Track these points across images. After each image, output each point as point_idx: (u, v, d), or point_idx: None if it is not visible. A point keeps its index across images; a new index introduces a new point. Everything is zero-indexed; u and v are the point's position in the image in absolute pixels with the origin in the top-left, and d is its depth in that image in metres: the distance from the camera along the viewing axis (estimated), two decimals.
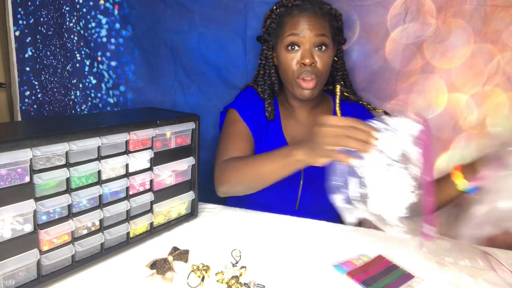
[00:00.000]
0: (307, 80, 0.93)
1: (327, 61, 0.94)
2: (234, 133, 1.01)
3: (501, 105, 1.04)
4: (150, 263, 0.73)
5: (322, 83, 0.97)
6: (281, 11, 0.98)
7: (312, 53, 0.93)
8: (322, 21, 0.94)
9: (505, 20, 0.98)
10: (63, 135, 0.65)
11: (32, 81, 1.42)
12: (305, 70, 0.93)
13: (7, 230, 0.61)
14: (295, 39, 0.93)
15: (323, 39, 0.93)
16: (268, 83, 1.05)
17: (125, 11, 1.24)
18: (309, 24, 0.92)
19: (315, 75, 0.93)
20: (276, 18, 0.99)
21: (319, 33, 0.92)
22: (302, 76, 0.94)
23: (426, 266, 0.78)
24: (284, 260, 0.79)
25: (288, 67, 0.95)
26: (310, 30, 0.92)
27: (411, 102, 1.09)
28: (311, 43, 0.93)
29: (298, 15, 0.94)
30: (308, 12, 0.94)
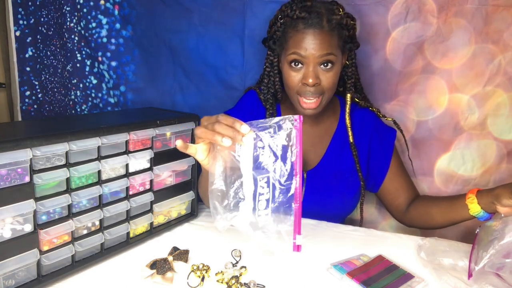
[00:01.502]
0: (308, 102, 0.89)
1: (332, 79, 0.88)
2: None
3: (502, 106, 1.03)
4: (150, 263, 0.73)
5: (328, 98, 0.92)
6: (286, 21, 0.90)
7: (316, 73, 0.86)
8: (329, 37, 0.86)
9: (506, 20, 0.98)
10: (63, 135, 0.65)
11: (32, 81, 1.42)
12: (307, 90, 0.88)
13: (7, 230, 0.61)
14: (298, 58, 0.87)
15: (329, 57, 0.86)
16: (272, 91, 0.99)
17: (125, 11, 1.24)
18: (314, 43, 0.85)
19: (318, 94, 0.88)
20: (281, 27, 0.91)
21: (325, 53, 0.85)
22: (304, 96, 0.89)
23: (429, 264, 0.77)
24: (284, 260, 0.79)
25: (291, 84, 0.90)
26: (315, 49, 0.85)
27: (412, 103, 1.09)
28: (316, 62, 0.86)
29: (302, 31, 0.86)
30: (313, 28, 0.85)
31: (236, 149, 0.65)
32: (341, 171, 0.99)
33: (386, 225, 1.18)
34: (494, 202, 0.76)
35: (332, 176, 0.98)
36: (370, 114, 1.03)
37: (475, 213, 0.81)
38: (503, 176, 1.07)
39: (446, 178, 1.10)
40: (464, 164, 1.08)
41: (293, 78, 0.89)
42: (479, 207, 0.79)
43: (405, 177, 1.01)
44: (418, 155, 1.11)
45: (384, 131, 1.01)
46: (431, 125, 1.09)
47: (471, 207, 0.81)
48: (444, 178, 1.10)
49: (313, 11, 0.87)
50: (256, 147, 0.64)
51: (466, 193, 0.82)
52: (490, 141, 1.06)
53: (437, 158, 1.10)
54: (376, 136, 1.00)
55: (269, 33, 0.96)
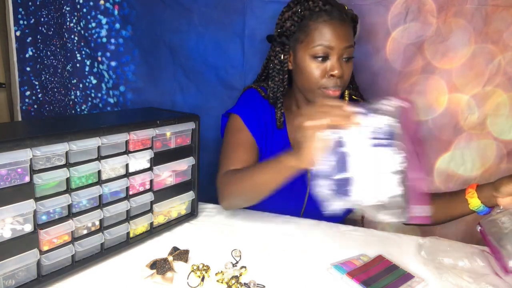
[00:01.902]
0: (334, 91, 0.89)
1: (350, 71, 0.91)
2: (237, 143, 0.95)
3: (502, 106, 1.04)
4: (150, 263, 0.73)
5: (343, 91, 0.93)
6: (305, 14, 0.89)
7: (341, 64, 0.88)
8: (350, 29, 0.89)
9: (506, 20, 0.98)
10: (63, 135, 0.65)
11: (32, 81, 1.42)
12: (333, 83, 0.88)
13: (7, 230, 0.61)
14: (326, 50, 0.87)
15: (351, 50, 0.89)
16: (281, 89, 0.96)
17: (125, 11, 1.24)
18: (339, 34, 0.86)
19: (341, 87, 0.89)
20: (298, 21, 0.90)
21: (349, 45, 0.87)
22: (330, 88, 0.88)
23: (430, 263, 0.78)
24: (284, 260, 0.79)
25: (313, 76, 0.89)
26: (341, 40, 0.86)
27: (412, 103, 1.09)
28: (340, 54, 0.87)
29: (328, 23, 0.86)
30: (337, 20, 0.87)
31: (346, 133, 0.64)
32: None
33: (386, 225, 1.18)
34: (494, 194, 0.77)
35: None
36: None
37: (475, 207, 0.81)
38: None
39: (446, 178, 1.10)
40: (464, 164, 1.08)
41: (316, 70, 0.88)
42: (479, 201, 0.80)
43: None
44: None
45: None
46: (431, 125, 1.09)
47: (471, 202, 0.81)
48: (444, 178, 1.11)
49: (334, 4, 0.90)
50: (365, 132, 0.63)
51: (466, 188, 0.83)
52: (490, 141, 1.06)
53: (437, 158, 1.10)
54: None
55: (281, 27, 0.93)
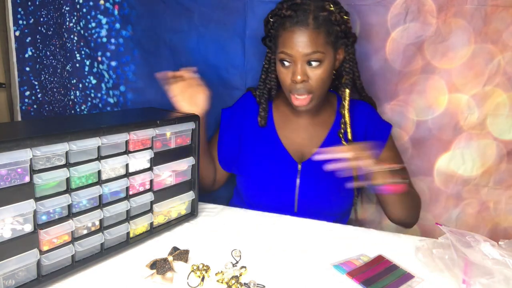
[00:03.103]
0: (299, 99, 0.91)
1: (321, 76, 0.90)
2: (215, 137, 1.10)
3: (501, 106, 1.04)
4: (150, 263, 0.73)
5: (319, 96, 0.94)
6: (276, 20, 0.93)
7: (304, 70, 0.89)
8: (315, 34, 0.87)
9: (505, 20, 0.98)
10: (63, 135, 0.65)
11: (32, 81, 1.41)
12: (297, 88, 0.90)
13: (7, 230, 0.61)
14: (286, 57, 0.90)
15: (316, 56, 0.88)
16: (268, 87, 1.02)
17: (125, 11, 1.24)
18: (299, 41, 0.87)
19: (307, 92, 0.91)
20: (274, 26, 0.95)
21: (311, 51, 0.87)
22: (295, 93, 0.91)
23: (426, 266, 0.78)
24: (284, 260, 0.79)
25: (283, 81, 0.94)
26: (301, 47, 0.87)
27: (412, 103, 1.09)
28: (302, 60, 0.88)
29: (289, 30, 0.88)
30: (299, 25, 0.87)
31: None
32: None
33: (386, 225, 1.18)
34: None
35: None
36: (367, 106, 1.04)
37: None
38: (503, 176, 1.07)
39: (446, 178, 1.10)
40: (464, 164, 1.08)
41: (284, 76, 0.92)
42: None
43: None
44: (418, 155, 1.11)
45: (380, 123, 1.02)
46: (431, 125, 1.09)
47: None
48: (444, 178, 1.11)
49: (300, 9, 0.88)
50: None
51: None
52: (490, 141, 1.06)
53: (436, 158, 1.10)
54: (372, 128, 1.01)
55: (265, 31, 1.00)
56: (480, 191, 1.09)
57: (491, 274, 0.68)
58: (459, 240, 0.74)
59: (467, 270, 0.70)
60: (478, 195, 1.10)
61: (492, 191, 1.09)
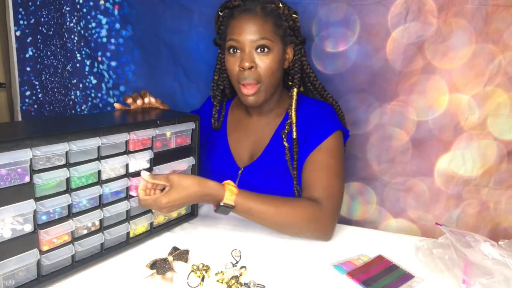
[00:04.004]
0: (247, 86, 0.90)
1: (269, 64, 0.89)
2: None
3: (502, 106, 1.03)
4: (150, 263, 0.73)
5: (268, 88, 0.92)
6: (226, 13, 0.93)
7: (251, 56, 0.89)
8: (263, 22, 0.88)
9: (506, 20, 0.98)
10: (63, 135, 0.65)
11: (32, 81, 1.42)
12: (245, 76, 0.89)
13: (7, 230, 0.61)
14: (234, 43, 0.90)
15: (263, 42, 0.88)
16: (221, 88, 1.03)
17: (125, 11, 1.24)
18: (247, 27, 0.88)
19: (255, 80, 0.89)
20: (224, 20, 0.94)
21: (259, 37, 0.87)
22: (243, 82, 0.90)
23: (426, 266, 0.77)
24: (284, 260, 0.79)
25: (230, 71, 0.93)
26: (248, 33, 0.88)
27: (412, 103, 1.09)
28: (251, 46, 0.88)
29: (238, 17, 0.90)
30: (247, 13, 0.89)
31: None
32: (275, 168, 0.96)
33: (386, 225, 1.18)
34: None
35: (266, 172, 0.97)
36: (316, 106, 0.98)
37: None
38: (503, 176, 1.07)
39: (447, 178, 1.10)
40: (465, 164, 1.08)
41: (232, 65, 0.92)
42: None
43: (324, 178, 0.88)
44: (418, 155, 1.11)
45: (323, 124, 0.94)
46: (431, 125, 1.09)
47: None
48: (444, 179, 1.10)
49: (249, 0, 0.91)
50: None
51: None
52: (490, 141, 1.06)
53: (437, 159, 1.10)
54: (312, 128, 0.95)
55: (215, 29, 0.99)
56: (480, 192, 1.09)
57: (491, 274, 0.68)
58: (459, 240, 0.74)
59: (467, 270, 0.70)
60: (478, 195, 1.09)
61: (493, 191, 1.09)
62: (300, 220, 0.83)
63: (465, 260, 0.71)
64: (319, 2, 1.07)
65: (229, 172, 1.01)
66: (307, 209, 0.84)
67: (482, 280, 0.68)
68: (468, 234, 0.76)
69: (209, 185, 0.79)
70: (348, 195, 1.19)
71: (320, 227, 0.85)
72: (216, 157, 1.04)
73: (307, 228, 0.85)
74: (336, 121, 0.96)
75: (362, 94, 1.12)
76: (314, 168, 0.90)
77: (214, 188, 0.79)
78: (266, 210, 0.82)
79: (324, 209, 0.85)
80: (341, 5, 1.06)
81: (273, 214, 0.82)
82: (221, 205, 0.79)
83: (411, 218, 1.15)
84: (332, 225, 0.88)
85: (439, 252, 0.76)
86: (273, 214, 0.82)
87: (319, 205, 0.85)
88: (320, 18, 1.08)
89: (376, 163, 1.14)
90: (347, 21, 1.07)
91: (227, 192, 0.79)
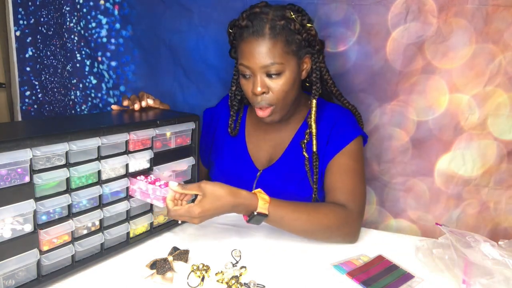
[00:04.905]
0: (262, 109, 0.89)
1: (282, 87, 0.86)
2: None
3: (502, 106, 1.03)
4: (150, 263, 0.73)
5: (284, 107, 0.91)
6: (235, 31, 0.89)
7: (263, 81, 0.86)
8: (272, 44, 0.83)
9: (506, 20, 0.98)
10: (63, 135, 0.65)
11: (32, 81, 1.42)
12: (257, 100, 0.88)
13: (7, 230, 0.61)
14: (245, 69, 0.87)
15: (275, 68, 0.84)
16: (238, 98, 1.00)
17: (125, 11, 1.24)
18: (256, 52, 0.83)
19: (269, 104, 0.88)
20: (234, 37, 0.91)
21: (269, 62, 0.84)
22: (256, 106, 0.89)
23: (426, 266, 0.77)
24: (284, 260, 0.79)
25: (245, 93, 0.92)
26: (258, 58, 0.84)
27: (412, 103, 1.09)
28: (261, 71, 0.85)
29: (246, 40, 0.85)
30: (256, 36, 0.83)
31: None
32: (294, 172, 0.96)
33: (386, 225, 1.18)
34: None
35: (285, 176, 0.97)
36: (338, 111, 0.99)
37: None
38: (504, 176, 1.07)
39: (447, 178, 1.10)
40: (465, 164, 1.08)
41: (246, 88, 0.90)
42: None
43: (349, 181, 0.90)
44: (418, 155, 1.11)
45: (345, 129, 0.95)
46: (431, 125, 1.08)
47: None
48: (444, 179, 1.10)
49: (257, 18, 0.85)
50: None
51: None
52: (491, 141, 1.06)
53: (437, 159, 1.10)
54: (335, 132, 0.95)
55: (229, 43, 0.95)
56: (480, 192, 1.09)
57: (491, 274, 0.68)
58: (459, 240, 0.74)
59: (467, 270, 0.70)
60: (478, 195, 1.09)
61: (493, 192, 1.08)
62: (332, 225, 0.83)
63: (465, 260, 0.71)
64: (319, 2, 1.07)
65: (247, 174, 1.00)
66: (337, 213, 0.84)
67: (482, 280, 0.68)
68: (468, 234, 0.76)
69: (242, 194, 0.77)
70: None
71: (349, 231, 0.86)
72: (235, 159, 1.03)
73: (337, 232, 0.85)
74: (358, 127, 0.98)
75: (362, 94, 1.12)
76: (338, 171, 0.91)
77: (247, 198, 0.77)
78: (298, 218, 0.81)
79: (351, 212, 0.86)
80: (341, 5, 1.06)
81: (305, 221, 0.82)
82: (255, 215, 0.77)
83: (411, 218, 1.15)
84: (359, 228, 0.89)
85: (439, 252, 0.76)
86: (306, 221, 0.82)
87: (346, 209, 0.86)
88: (320, 18, 1.08)
89: (376, 163, 1.14)
90: (347, 21, 1.07)
91: (260, 201, 0.78)
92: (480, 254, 0.71)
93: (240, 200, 0.76)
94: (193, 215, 0.74)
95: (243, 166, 1.01)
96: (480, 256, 0.71)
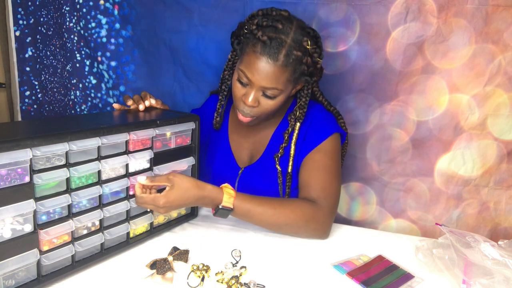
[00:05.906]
0: (245, 117, 0.90)
1: (272, 106, 0.88)
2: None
3: (502, 106, 1.03)
4: (150, 263, 0.73)
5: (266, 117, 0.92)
6: (250, 35, 0.86)
7: (257, 97, 0.86)
8: (280, 72, 0.83)
9: (506, 20, 0.98)
10: (63, 135, 0.65)
11: (32, 81, 1.42)
12: (244, 108, 0.88)
13: (7, 230, 0.61)
14: (243, 77, 0.86)
15: (273, 92, 0.85)
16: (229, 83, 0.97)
17: (125, 11, 1.24)
18: (262, 72, 0.82)
19: (253, 116, 0.89)
20: (246, 35, 0.87)
21: (270, 86, 0.84)
22: (241, 113, 0.89)
23: (426, 266, 0.77)
24: (284, 260, 0.79)
25: (234, 93, 0.90)
26: (261, 77, 0.83)
27: (412, 103, 1.09)
28: (259, 89, 0.85)
29: (257, 54, 0.82)
30: (269, 57, 0.81)
31: None
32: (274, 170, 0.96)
33: (386, 225, 1.18)
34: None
35: (266, 173, 0.97)
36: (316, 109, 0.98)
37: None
38: (503, 176, 1.07)
39: (447, 178, 1.10)
40: (465, 164, 1.08)
41: (237, 90, 0.89)
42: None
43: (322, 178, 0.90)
44: (418, 155, 1.11)
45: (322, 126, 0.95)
46: (431, 125, 1.09)
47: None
48: (444, 179, 1.10)
49: (277, 37, 0.82)
50: None
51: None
52: (491, 141, 1.06)
53: (437, 159, 1.10)
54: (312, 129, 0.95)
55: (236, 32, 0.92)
56: (480, 192, 1.09)
57: (491, 275, 0.68)
58: (459, 240, 0.74)
59: (467, 270, 0.70)
60: (478, 195, 1.10)
61: (493, 192, 1.09)
62: (299, 220, 0.84)
63: (465, 260, 0.71)
64: (319, 2, 1.07)
65: (230, 172, 1.01)
66: (304, 209, 0.85)
67: (482, 280, 0.68)
68: (468, 234, 0.76)
69: (208, 188, 0.80)
70: (348, 195, 1.19)
71: (317, 227, 0.87)
72: (218, 157, 1.04)
73: (305, 228, 0.86)
74: (335, 124, 0.97)
75: (362, 94, 1.12)
76: (312, 168, 0.91)
77: (213, 191, 0.80)
78: (264, 212, 0.83)
79: (321, 208, 0.87)
80: (341, 5, 1.06)
81: (271, 215, 0.83)
82: (220, 208, 0.80)
83: (411, 218, 1.15)
84: (329, 225, 0.89)
85: (439, 252, 0.76)
86: (272, 215, 0.83)
87: (316, 205, 0.86)
88: (320, 18, 1.08)
89: (376, 163, 1.14)
90: (347, 21, 1.07)
91: (225, 195, 0.80)
92: (480, 254, 0.71)
93: (205, 193, 0.79)
94: (157, 204, 0.76)
95: (225, 163, 1.02)
96: (480, 256, 0.71)
